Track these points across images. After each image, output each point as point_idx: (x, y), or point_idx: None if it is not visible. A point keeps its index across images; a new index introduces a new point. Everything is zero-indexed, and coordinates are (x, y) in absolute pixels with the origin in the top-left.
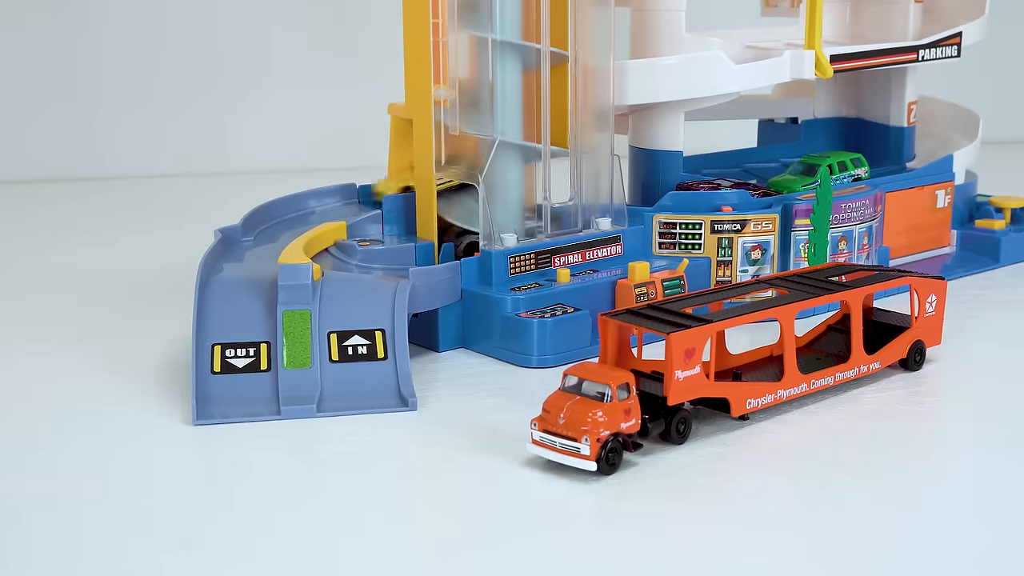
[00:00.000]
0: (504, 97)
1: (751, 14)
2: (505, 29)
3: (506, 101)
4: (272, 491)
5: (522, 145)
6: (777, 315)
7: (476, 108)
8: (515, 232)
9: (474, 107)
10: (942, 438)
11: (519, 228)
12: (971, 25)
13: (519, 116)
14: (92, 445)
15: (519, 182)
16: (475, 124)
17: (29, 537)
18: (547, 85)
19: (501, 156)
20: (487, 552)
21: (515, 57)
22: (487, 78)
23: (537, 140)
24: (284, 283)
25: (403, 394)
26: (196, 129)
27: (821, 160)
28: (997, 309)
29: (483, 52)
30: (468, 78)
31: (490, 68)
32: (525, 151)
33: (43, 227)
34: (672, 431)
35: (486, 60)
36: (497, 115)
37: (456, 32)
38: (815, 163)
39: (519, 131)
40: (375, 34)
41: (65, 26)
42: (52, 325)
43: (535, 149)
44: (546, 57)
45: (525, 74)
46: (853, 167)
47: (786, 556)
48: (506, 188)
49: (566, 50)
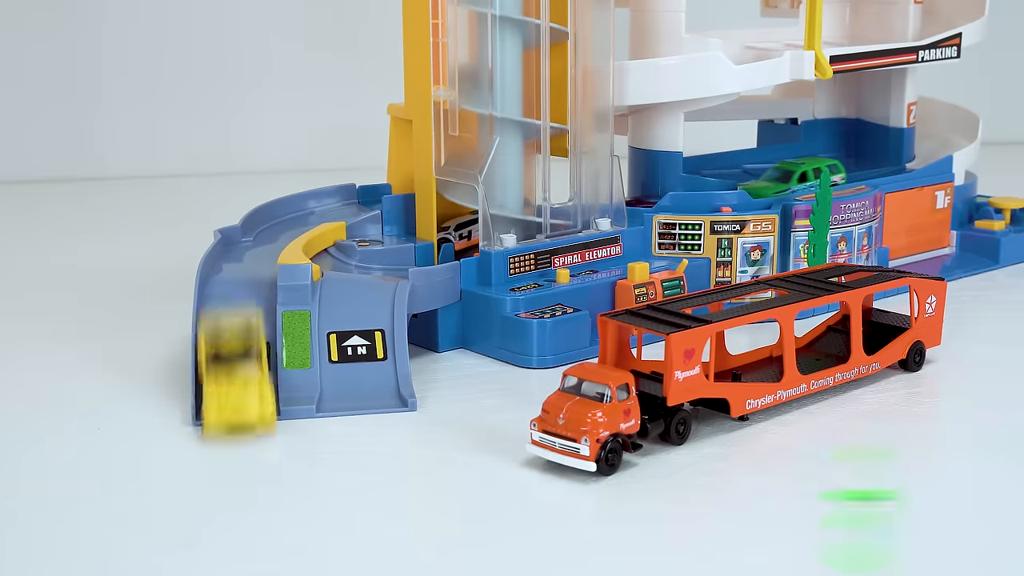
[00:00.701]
0: (504, 74)
1: (751, 14)
2: (505, 4)
3: (505, 78)
4: (271, 491)
5: (521, 122)
6: (777, 316)
7: (476, 86)
8: (514, 232)
9: (474, 85)
10: (942, 439)
11: (518, 228)
12: (971, 26)
13: (519, 93)
14: (91, 445)
15: (518, 177)
16: (475, 101)
17: (27, 537)
18: (546, 62)
19: (500, 156)
20: (486, 552)
21: (515, 33)
22: (487, 55)
23: (537, 118)
24: (283, 283)
25: (403, 394)
26: (196, 129)
27: (795, 166)
28: (997, 310)
29: (483, 28)
30: (468, 57)
31: (489, 45)
32: (525, 128)
33: (43, 227)
34: (672, 432)
35: (486, 37)
36: (497, 92)
37: (456, 5)
38: (790, 169)
39: (519, 109)
40: (375, 34)
41: (65, 27)
42: (51, 325)
43: (535, 126)
44: (546, 33)
45: (525, 52)
46: (829, 173)
47: (786, 556)
48: (505, 188)
49: (566, 26)
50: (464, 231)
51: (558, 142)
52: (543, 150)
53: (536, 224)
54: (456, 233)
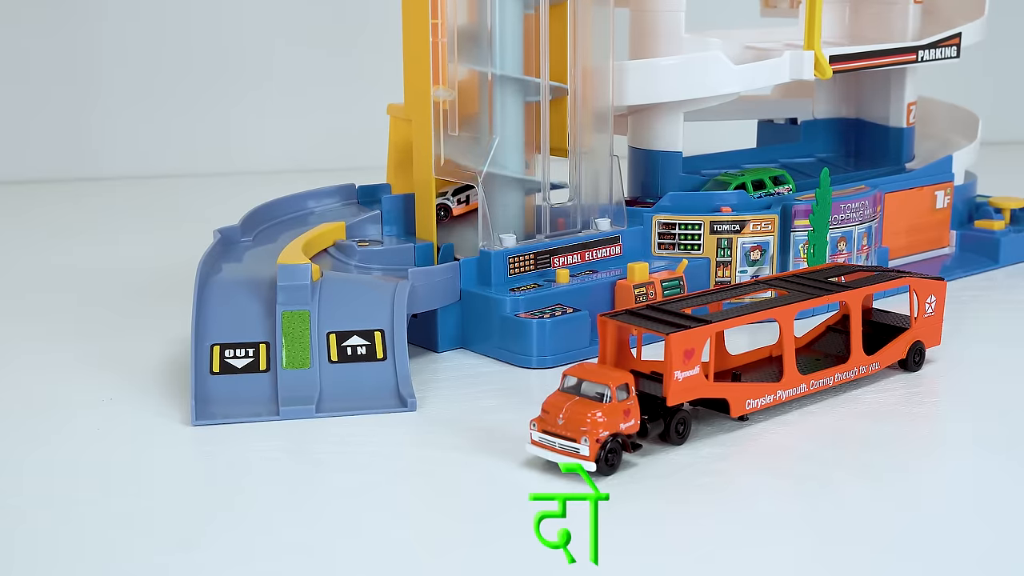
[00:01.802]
0: (503, 32)
1: (751, 14)
2: None
3: (505, 35)
4: (271, 491)
5: (521, 79)
6: (776, 316)
7: (475, 44)
8: (514, 232)
9: (473, 42)
10: (941, 439)
11: (519, 228)
12: (970, 26)
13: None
14: (90, 445)
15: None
16: (474, 59)
17: (28, 537)
18: (546, 23)
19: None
20: (486, 552)
21: None
22: (487, 14)
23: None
24: (283, 283)
25: (402, 394)
26: (196, 129)
27: (733, 179)
28: (996, 310)
29: None
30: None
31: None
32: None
33: (42, 227)
34: (671, 432)
35: None
36: (496, 49)
37: None
38: (727, 181)
39: (519, 67)
40: (374, 34)
41: (64, 25)
42: (51, 325)
43: (534, 84)
44: None
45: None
46: (773, 185)
47: (786, 556)
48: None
49: None
50: (462, 196)
51: (558, 142)
52: (543, 150)
53: (536, 222)
54: (455, 198)
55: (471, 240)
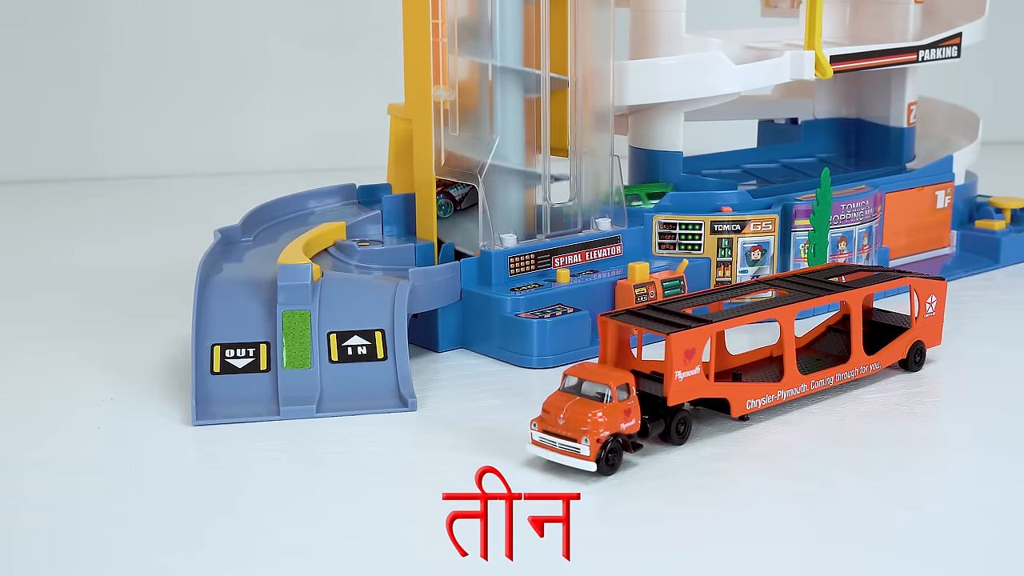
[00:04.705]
0: (503, 23)
1: (751, 14)
2: None
3: (505, 27)
4: (272, 491)
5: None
6: (777, 316)
7: (475, 36)
8: (515, 232)
9: (473, 35)
10: (942, 438)
11: (519, 228)
12: (971, 26)
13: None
14: (91, 444)
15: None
16: (474, 51)
17: (28, 537)
18: (546, 15)
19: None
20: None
21: None
22: (487, 6)
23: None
24: (284, 283)
25: (403, 394)
26: (196, 130)
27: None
28: (997, 310)
29: None
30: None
31: None
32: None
33: (43, 227)
34: (672, 432)
35: None
36: (496, 41)
37: None
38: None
39: (519, 58)
40: (375, 34)
41: (64, 26)
42: (52, 324)
43: (534, 76)
44: None
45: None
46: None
47: (787, 556)
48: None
49: None
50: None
51: (558, 142)
52: (544, 149)
53: (536, 222)
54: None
55: (472, 237)
